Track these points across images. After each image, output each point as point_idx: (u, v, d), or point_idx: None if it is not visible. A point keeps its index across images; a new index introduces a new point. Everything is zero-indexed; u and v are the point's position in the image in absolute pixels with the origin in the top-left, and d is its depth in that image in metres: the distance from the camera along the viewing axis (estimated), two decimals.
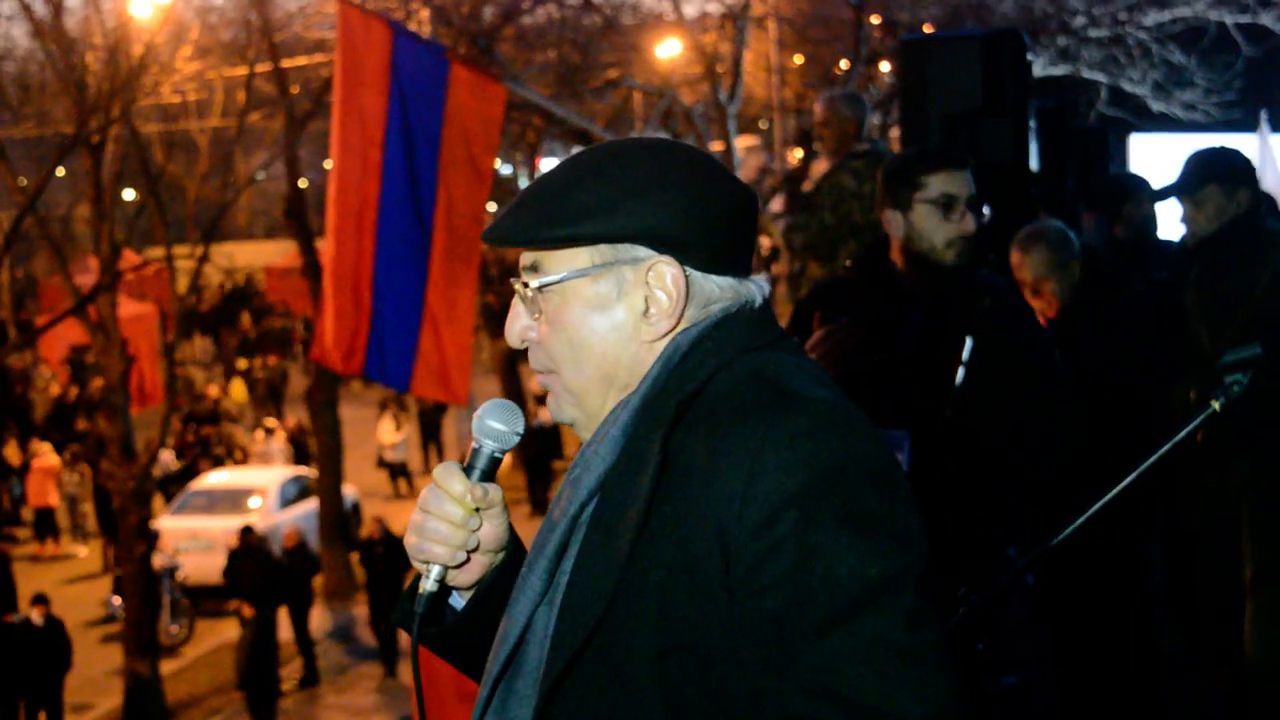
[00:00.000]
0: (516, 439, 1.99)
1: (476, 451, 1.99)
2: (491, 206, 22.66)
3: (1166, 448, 2.96)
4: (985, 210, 4.18)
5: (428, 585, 1.98)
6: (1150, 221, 7.47)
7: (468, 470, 1.99)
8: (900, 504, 1.77)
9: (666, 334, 1.90)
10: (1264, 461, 4.77)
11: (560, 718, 1.83)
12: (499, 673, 1.90)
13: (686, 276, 1.89)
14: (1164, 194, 5.60)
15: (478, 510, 1.99)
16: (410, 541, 2.00)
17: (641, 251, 1.89)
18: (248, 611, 15.70)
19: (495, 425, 1.98)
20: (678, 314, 1.89)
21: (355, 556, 18.75)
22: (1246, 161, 5.58)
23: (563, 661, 1.80)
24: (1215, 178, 5.41)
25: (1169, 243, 7.51)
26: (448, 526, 1.97)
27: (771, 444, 1.72)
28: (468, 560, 2.01)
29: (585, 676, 1.80)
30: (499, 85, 8.61)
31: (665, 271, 1.88)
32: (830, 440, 1.74)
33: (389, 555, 17.04)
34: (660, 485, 1.78)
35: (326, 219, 8.58)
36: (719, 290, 1.92)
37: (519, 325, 1.98)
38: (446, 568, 1.99)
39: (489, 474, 1.99)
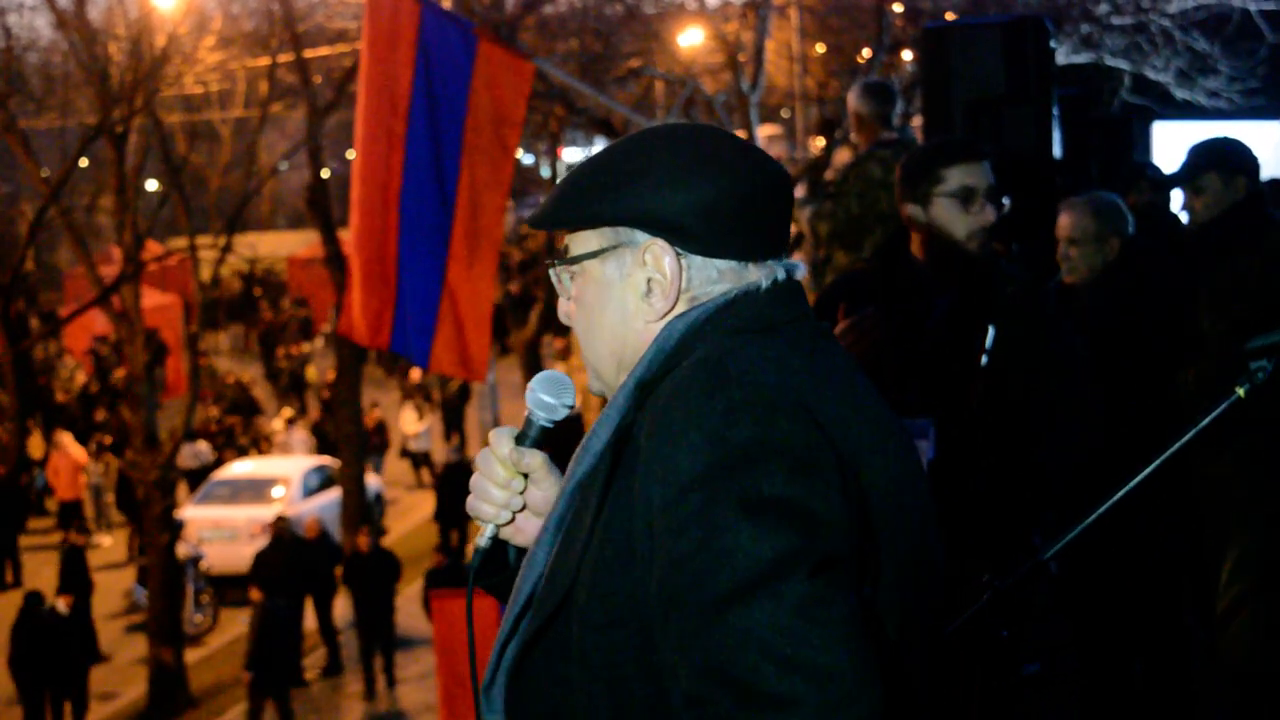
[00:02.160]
0: (566, 411, 2.12)
1: (528, 421, 2.13)
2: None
3: (1191, 434, 2.94)
4: (1005, 200, 4.17)
5: (481, 541, 2.12)
6: (1147, 211, 7.44)
7: (519, 438, 2.12)
8: (814, 488, 1.75)
9: (664, 316, 1.95)
10: (1253, 448, 4.72)
11: (529, 678, 1.92)
12: (505, 638, 1.98)
13: (682, 260, 1.94)
14: (1168, 182, 5.65)
15: (525, 476, 2.11)
16: (469, 500, 2.14)
17: (639, 235, 1.95)
18: (255, 595, 15.68)
19: (544, 398, 2.11)
20: (673, 297, 1.94)
21: (339, 571, 17.85)
22: (1246, 151, 5.64)
23: (534, 627, 1.90)
24: (1214, 166, 5.51)
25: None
26: (493, 486, 2.11)
27: (691, 425, 1.76)
28: (513, 519, 2.12)
29: (551, 643, 1.89)
30: (527, 63, 8.55)
31: (659, 254, 1.94)
32: (744, 422, 1.75)
33: (377, 568, 16.82)
34: (621, 465, 1.86)
35: (352, 193, 8.56)
36: (718, 274, 1.95)
37: (561, 303, 2.10)
38: (498, 525, 2.12)
39: (538, 443, 2.13)
